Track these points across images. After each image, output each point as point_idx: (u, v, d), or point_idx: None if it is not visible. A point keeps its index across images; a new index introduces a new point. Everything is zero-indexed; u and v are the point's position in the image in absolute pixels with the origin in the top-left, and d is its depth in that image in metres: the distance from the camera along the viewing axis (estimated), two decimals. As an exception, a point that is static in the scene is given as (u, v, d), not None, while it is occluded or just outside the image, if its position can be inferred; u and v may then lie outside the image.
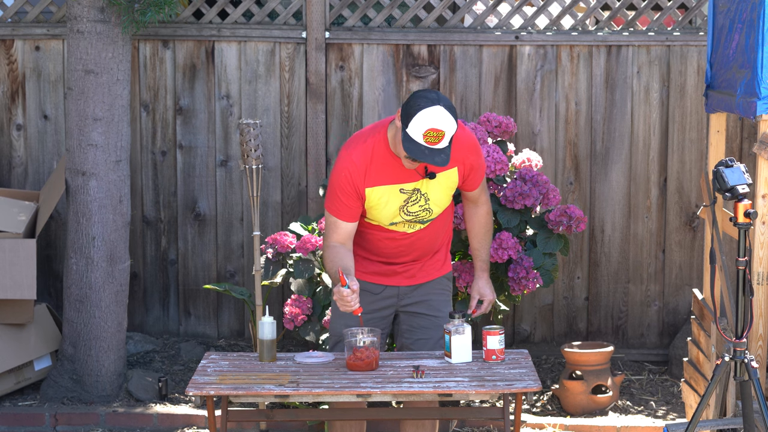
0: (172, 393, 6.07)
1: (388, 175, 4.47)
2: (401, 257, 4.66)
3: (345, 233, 4.52)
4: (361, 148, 4.47)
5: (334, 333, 4.72)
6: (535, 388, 4.23)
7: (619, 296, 6.61)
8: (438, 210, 4.58)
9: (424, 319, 4.70)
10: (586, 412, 5.88)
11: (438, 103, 4.29)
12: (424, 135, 4.27)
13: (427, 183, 4.50)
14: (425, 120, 4.27)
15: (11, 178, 6.66)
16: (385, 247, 4.64)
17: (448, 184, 4.56)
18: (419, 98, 4.31)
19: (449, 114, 4.30)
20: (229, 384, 4.27)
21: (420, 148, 4.29)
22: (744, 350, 4.04)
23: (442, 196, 4.57)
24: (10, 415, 5.83)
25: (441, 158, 4.31)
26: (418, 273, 4.69)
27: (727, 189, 4.05)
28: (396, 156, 4.45)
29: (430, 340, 4.69)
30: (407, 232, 4.60)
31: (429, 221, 4.60)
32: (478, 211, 4.76)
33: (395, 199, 4.50)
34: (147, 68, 6.58)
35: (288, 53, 6.54)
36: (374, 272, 4.64)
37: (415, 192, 4.51)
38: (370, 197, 4.49)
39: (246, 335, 6.69)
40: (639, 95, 6.48)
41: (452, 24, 6.54)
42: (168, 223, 6.68)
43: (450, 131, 4.31)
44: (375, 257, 4.67)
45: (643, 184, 6.52)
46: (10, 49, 6.59)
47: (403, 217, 4.54)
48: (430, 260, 4.70)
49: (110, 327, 5.97)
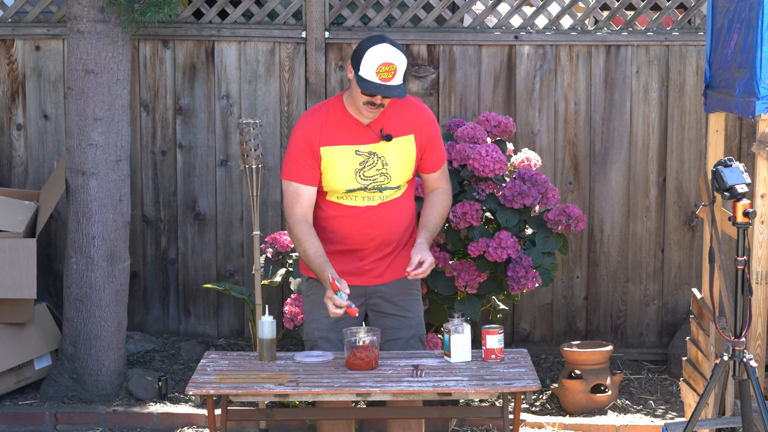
0: (172, 392, 6.08)
1: (343, 136, 4.52)
2: (365, 243, 4.59)
3: (307, 201, 4.54)
4: (316, 110, 4.58)
5: (310, 338, 4.72)
6: (535, 388, 4.23)
7: (618, 295, 6.61)
8: (396, 179, 4.54)
9: (393, 320, 4.67)
10: (585, 411, 5.89)
11: (384, 41, 4.41)
12: (377, 72, 4.36)
13: (384, 146, 4.52)
14: (375, 57, 4.37)
15: (11, 177, 6.67)
16: (344, 226, 4.57)
17: (405, 150, 4.55)
18: (365, 41, 4.44)
19: (397, 49, 4.41)
20: (228, 383, 4.27)
21: (376, 85, 4.37)
22: (743, 349, 4.05)
23: (400, 164, 4.55)
24: (11, 414, 5.84)
25: (398, 91, 4.40)
26: (386, 271, 4.64)
27: (726, 188, 4.06)
28: (353, 118, 4.51)
29: (400, 340, 4.67)
30: (366, 206, 4.55)
31: (387, 190, 4.55)
32: (435, 193, 4.69)
33: (350, 161, 4.51)
34: (147, 68, 6.59)
35: (288, 53, 6.55)
36: (342, 271, 4.59)
37: (371, 155, 4.52)
38: (325, 157, 4.50)
39: (246, 334, 6.70)
40: (638, 95, 6.49)
41: (451, 24, 6.54)
42: (168, 222, 6.68)
43: (401, 65, 4.39)
44: (339, 245, 4.60)
45: (642, 183, 6.53)
46: (11, 49, 6.59)
47: (360, 182, 4.52)
48: (397, 257, 4.65)
49: (110, 326, 5.98)
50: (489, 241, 5.52)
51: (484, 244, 5.51)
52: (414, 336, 4.71)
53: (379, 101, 4.42)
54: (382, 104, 4.44)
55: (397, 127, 4.54)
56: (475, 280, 5.57)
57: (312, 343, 4.70)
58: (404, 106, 4.58)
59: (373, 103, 4.43)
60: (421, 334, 4.74)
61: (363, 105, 4.44)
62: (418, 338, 4.72)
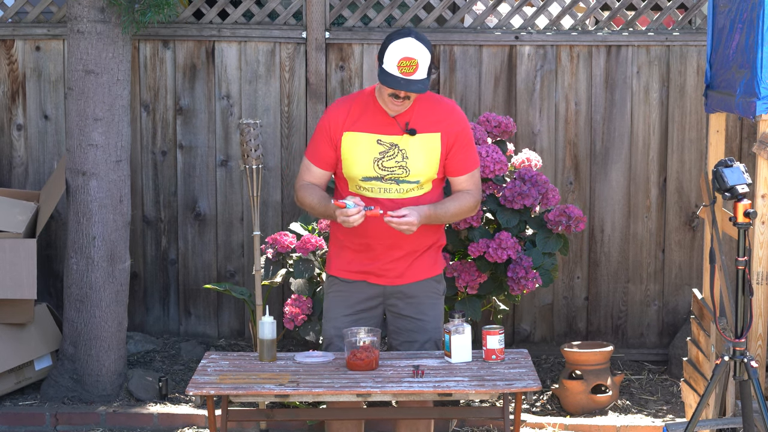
0: (172, 393, 6.08)
1: (368, 124, 4.53)
2: (378, 238, 4.54)
3: (315, 178, 4.60)
4: (347, 98, 4.65)
5: (326, 336, 4.71)
6: (535, 388, 4.23)
7: (619, 296, 6.61)
8: (416, 174, 4.52)
9: (410, 322, 4.65)
10: (585, 411, 5.89)
11: (409, 35, 4.41)
12: (398, 66, 4.36)
13: (407, 139, 4.51)
14: (397, 50, 4.37)
15: (12, 178, 6.67)
16: (362, 223, 4.48)
17: (429, 147, 4.53)
18: (392, 34, 4.44)
19: (420, 43, 4.39)
20: (229, 384, 4.27)
21: (395, 79, 4.37)
22: (743, 350, 4.05)
23: (421, 160, 4.52)
24: (11, 415, 5.84)
25: (417, 86, 4.39)
26: (406, 272, 4.62)
27: (727, 189, 4.05)
28: (380, 108, 4.51)
29: (415, 343, 4.65)
30: (384, 198, 4.51)
31: (405, 183, 4.52)
32: (459, 192, 4.62)
33: (371, 149, 4.51)
34: (147, 68, 6.59)
35: (288, 53, 6.55)
36: (361, 271, 4.60)
37: (393, 147, 4.51)
38: (346, 142, 4.52)
39: (246, 335, 6.70)
40: (639, 95, 6.49)
41: (452, 24, 6.54)
42: (168, 222, 6.68)
43: (423, 60, 4.38)
44: (357, 239, 4.57)
45: (642, 183, 6.53)
46: (11, 49, 6.59)
47: (377, 171, 4.51)
48: (418, 259, 4.63)
49: (110, 327, 5.98)
50: (489, 242, 5.51)
51: (485, 245, 5.51)
52: (429, 340, 4.67)
53: (403, 95, 4.43)
54: (407, 97, 4.44)
55: (424, 123, 4.53)
56: (476, 280, 5.57)
57: (328, 341, 4.68)
58: (436, 104, 4.57)
59: (397, 96, 4.43)
60: (437, 338, 4.69)
61: (387, 97, 4.45)
62: (433, 342, 4.68)
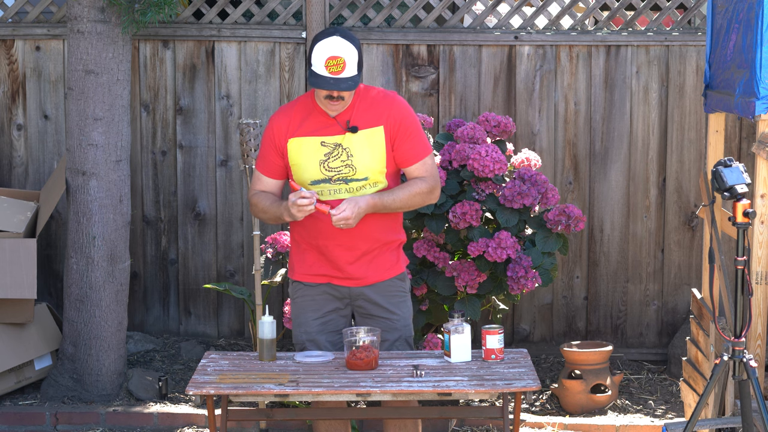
0: (172, 392, 6.08)
1: (310, 128, 4.53)
2: (332, 239, 4.53)
3: (268, 188, 4.63)
4: (287, 106, 4.65)
5: (298, 341, 4.71)
6: (534, 388, 4.23)
7: (618, 296, 6.62)
8: (363, 171, 4.50)
9: (379, 322, 4.63)
10: (585, 411, 5.89)
11: (335, 34, 4.41)
12: (326, 65, 4.37)
13: (350, 138, 4.50)
14: (323, 50, 4.38)
15: (12, 177, 6.67)
16: (316, 221, 4.51)
17: (373, 142, 4.52)
18: (318, 35, 4.45)
19: (347, 41, 4.40)
20: (229, 383, 4.28)
21: (324, 79, 4.38)
22: (743, 349, 4.05)
23: (366, 155, 4.50)
24: (11, 414, 5.84)
25: (347, 84, 4.39)
26: (368, 273, 4.59)
27: (726, 188, 4.06)
28: (321, 110, 4.52)
29: (385, 342, 4.64)
30: (335, 199, 4.49)
31: (353, 182, 4.51)
32: (414, 179, 4.59)
33: (315, 152, 4.51)
34: (147, 68, 6.59)
35: (288, 53, 6.55)
36: (323, 275, 4.61)
37: (336, 147, 4.51)
38: (291, 149, 4.53)
39: (246, 335, 6.70)
40: (638, 95, 6.49)
41: (452, 24, 6.55)
42: (168, 222, 6.69)
43: (350, 58, 4.38)
44: (312, 241, 4.58)
45: (642, 183, 6.53)
46: (11, 49, 6.60)
47: (324, 173, 4.51)
48: (376, 258, 4.60)
49: (110, 326, 5.98)
50: (489, 242, 5.52)
51: (484, 245, 5.52)
52: (400, 338, 4.67)
53: (337, 94, 4.43)
54: (341, 97, 4.44)
55: (365, 118, 4.52)
56: (475, 280, 5.57)
57: (301, 347, 4.69)
58: (377, 99, 4.56)
59: (331, 96, 4.43)
60: (407, 336, 4.70)
61: (324, 99, 4.46)
62: (404, 340, 4.68)
